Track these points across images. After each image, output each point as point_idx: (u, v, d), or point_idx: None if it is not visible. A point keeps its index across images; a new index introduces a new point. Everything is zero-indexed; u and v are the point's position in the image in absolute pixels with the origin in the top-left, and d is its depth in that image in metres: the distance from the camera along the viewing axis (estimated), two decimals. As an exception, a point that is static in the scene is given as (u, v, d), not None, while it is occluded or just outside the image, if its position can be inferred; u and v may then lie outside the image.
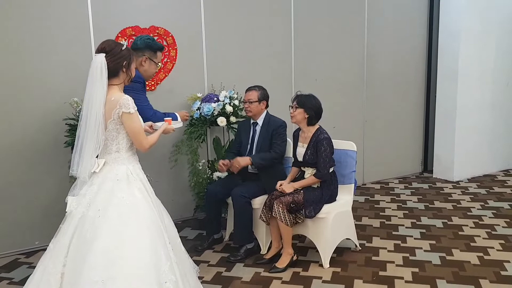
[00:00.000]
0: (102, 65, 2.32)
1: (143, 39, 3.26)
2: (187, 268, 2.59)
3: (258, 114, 3.74)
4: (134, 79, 3.05)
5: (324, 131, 3.43)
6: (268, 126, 3.72)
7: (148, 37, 3.33)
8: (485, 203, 4.80)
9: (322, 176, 3.36)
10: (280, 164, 3.80)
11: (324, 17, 5.04)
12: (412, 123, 5.96)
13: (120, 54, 2.40)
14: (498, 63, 5.80)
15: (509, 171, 6.14)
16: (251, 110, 3.70)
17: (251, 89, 3.73)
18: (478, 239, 3.84)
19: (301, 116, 3.40)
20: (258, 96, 3.68)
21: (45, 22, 3.65)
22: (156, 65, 3.30)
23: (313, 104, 3.40)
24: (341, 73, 5.27)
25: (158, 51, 3.29)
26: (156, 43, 3.32)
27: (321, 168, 3.34)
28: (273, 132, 3.68)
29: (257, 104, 3.69)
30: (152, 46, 3.24)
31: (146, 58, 3.21)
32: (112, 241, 2.24)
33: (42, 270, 2.33)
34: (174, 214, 3.56)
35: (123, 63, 2.41)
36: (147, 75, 3.28)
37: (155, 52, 3.26)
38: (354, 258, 3.54)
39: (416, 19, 5.75)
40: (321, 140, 3.36)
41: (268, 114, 3.79)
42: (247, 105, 3.70)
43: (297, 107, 3.40)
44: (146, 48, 3.22)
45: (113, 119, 2.36)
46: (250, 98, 3.68)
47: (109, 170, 2.41)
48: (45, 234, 3.31)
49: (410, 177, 5.95)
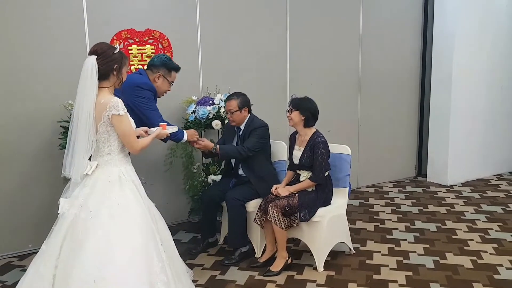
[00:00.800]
0: (93, 67, 2.34)
1: (160, 57, 3.42)
2: (180, 270, 2.59)
3: (241, 121, 3.68)
4: (146, 88, 3.24)
5: (321, 135, 3.44)
6: (248, 128, 3.67)
7: (165, 56, 3.49)
8: (478, 207, 4.83)
9: (317, 180, 3.37)
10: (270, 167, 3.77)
11: (319, 22, 5.06)
12: (407, 127, 5.99)
13: (111, 57, 2.41)
14: (492, 67, 5.83)
15: (502, 175, 6.18)
16: (233, 120, 3.64)
17: (230, 99, 3.64)
18: (472, 243, 3.85)
19: (297, 118, 3.41)
20: (238, 105, 3.60)
21: (40, 24, 3.64)
22: (169, 84, 3.44)
23: (308, 106, 3.41)
24: (336, 77, 5.28)
25: (173, 71, 3.42)
26: (172, 63, 3.42)
27: (317, 172, 3.35)
28: (251, 131, 3.62)
29: (238, 113, 3.62)
30: (167, 65, 3.38)
31: (160, 75, 3.37)
32: (103, 242, 2.24)
33: (34, 271, 2.34)
34: (168, 217, 3.55)
35: (114, 66, 2.42)
36: (160, 91, 3.42)
37: (169, 71, 3.40)
38: (348, 261, 3.54)
39: (411, 23, 5.78)
40: (318, 143, 3.36)
41: (251, 116, 3.71)
42: (229, 116, 3.64)
43: (292, 110, 3.41)
44: (162, 66, 3.36)
45: (104, 121, 2.38)
46: (231, 109, 3.61)
47: (102, 172, 2.42)
48: (38, 237, 3.27)
49: (404, 181, 5.97)
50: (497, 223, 4.31)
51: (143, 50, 4.08)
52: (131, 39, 4.01)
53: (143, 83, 3.25)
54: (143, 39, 4.06)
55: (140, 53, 4.07)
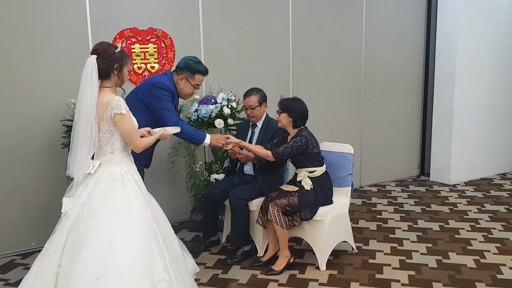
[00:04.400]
0: (93, 67, 2.35)
1: (186, 59, 3.34)
2: (182, 268, 2.60)
3: (261, 116, 3.73)
4: (161, 87, 3.17)
5: (305, 132, 3.39)
6: (267, 128, 3.70)
7: (192, 58, 3.36)
8: (481, 206, 4.81)
9: (275, 155, 3.34)
10: (277, 167, 3.79)
11: (322, 22, 5.05)
12: (409, 126, 5.98)
13: (112, 56, 2.42)
14: (495, 67, 5.82)
15: (505, 174, 6.16)
16: (254, 116, 3.67)
17: (250, 94, 3.67)
18: (475, 243, 3.84)
19: (286, 121, 3.39)
20: (258, 100, 3.65)
21: (43, 23, 3.65)
22: (192, 87, 3.35)
23: (296, 108, 3.38)
24: (339, 76, 5.28)
25: (197, 74, 3.32)
26: (197, 66, 3.32)
27: (280, 149, 3.33)
28: (274, 135, 3.65)
29: (258, 108, 3.67)
30: (191, 67, 3.30)
31: (183, 77, 3.31)
32: (105, 240, 2.26)
33: (37, 270, 2.35)
34: (171, 216, 3.55)
35: (114, 66, 2.43)
36: (182, 94, 3.37)
37: (193, 73, 3.31)
38: (351, 261, 3.54)
39: (414, 22, 5.77)
40: (297, 136, 3.36)
41: (267, 115, 3.78)
42: (250, 111, 3.66)
43: (280, 112, 3.40)
44: (185, 68, 3.30)
45: (106, 120, 2.39)
46: (251, 104, 3.64)
47: (104, 171, 2.44)
48: (42, 235, 3.30)
49: (407, 180, 5.96)
50: (501, 223, 4.29)
51: (146, 48, 4.08)
52: (133, 38, 4.02)
53: (158, 82, 3.20)
54: (145, 38, 4.07)
55: (142, 52, 4.07)
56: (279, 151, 3.34)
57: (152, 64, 4.12)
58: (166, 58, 4.18)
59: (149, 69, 4.11)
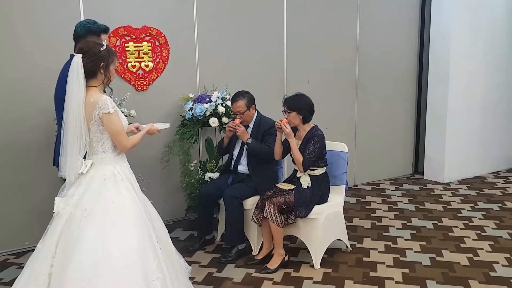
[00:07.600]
0: (79, 66, 2.32)
1: (82, 24, 2.96)
2: (177, 268, 2.59)
3: (251, 119, 3.71)
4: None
5: (319, 129, 3.44)
6: (259, 127, 3.71)
7: (88, 21, 2.97)
8: (475, 204, 4.84)
9: (304, 167, 3.35)
10: (272, 166, 3.79)
11: (316, 19, 5.05)
12: (403, 125, 5.99)
13: (98, 54, 2.38)
14: (489, 65, 5.84)
15: (498, 173, 6.20)
16: (244, 120, 3.66)
17: (237, 100, 3.62)
18: (468, 240, 3.87)
19: (297, 120, 3.39)
20: (246, 104, 3.62)
21: (37, 21, 3.63)
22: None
23: (304, 104, 3.39)
24: (333, 75, 5.28)
25: (102, 34, 2.97)
26: (99, 26, 2.96)
27: (305, 159, 3.34)
28: (265, 133, 3.67)
29: (247, 112, 3.64)
30: (92, 30, 2.93)
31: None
32: (98, 240, 2.24)
33: (30, 270, 2.34)
34: (165, 214, 3.55)
35: (101, 64, 2.40)
36: None
37: (98, 35, 2.94)
38: (345, 259, 3.55)
39: (408, 21, 5.78)
40: (314, 136, 3.37)
41: (259, 114, 3.77)
42: (239, 117, 3.63)
43: (289, 112, 3.39)
44: (88, 34, 2.91)
45: (95, 120, 2.37)
46: (240, 110, 3.61)
47: (96, 170, 2.42)
48: (35, 234, 3.26)
49: (401, 179, 5.98)
50: (494, 221, 4.32)
51: (140, 47, 4.06)
52: (128, 36, 4.00)
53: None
54: (140, 36, 4.05)
55: (137, 50, 4.05)
56: (307, 162, 3.33)
57: (146, 63, 4.10)
58: (161, 56, 4.16)
59: (143, 67, 4.09)
